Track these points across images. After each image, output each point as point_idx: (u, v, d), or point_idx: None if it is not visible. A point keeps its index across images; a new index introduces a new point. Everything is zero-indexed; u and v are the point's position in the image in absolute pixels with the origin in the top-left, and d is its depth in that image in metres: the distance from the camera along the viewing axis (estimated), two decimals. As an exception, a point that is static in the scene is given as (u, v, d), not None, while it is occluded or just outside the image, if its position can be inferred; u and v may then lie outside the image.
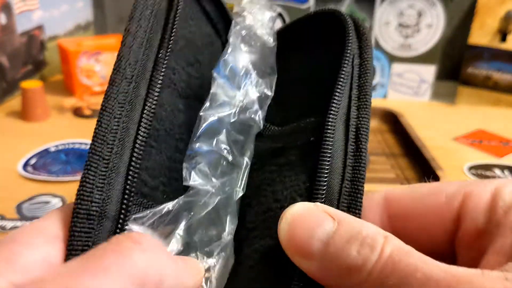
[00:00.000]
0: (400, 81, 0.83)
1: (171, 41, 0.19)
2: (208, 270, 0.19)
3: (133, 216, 0.17)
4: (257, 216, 0.20)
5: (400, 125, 0.63)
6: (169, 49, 0.19)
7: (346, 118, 0.19)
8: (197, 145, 0.20)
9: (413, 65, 0.82)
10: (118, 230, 0.16)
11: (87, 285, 0.13)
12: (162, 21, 0.19)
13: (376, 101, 0.83)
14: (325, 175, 0.18)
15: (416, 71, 0.82)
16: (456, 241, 0.17)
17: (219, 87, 0.22)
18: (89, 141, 0.17)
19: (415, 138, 0.58)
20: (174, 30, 0.19)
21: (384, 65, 0.82)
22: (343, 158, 0.18)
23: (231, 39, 0.23)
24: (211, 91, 0.21)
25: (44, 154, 0.58)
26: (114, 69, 0.17)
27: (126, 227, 0.17)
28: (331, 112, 0.19)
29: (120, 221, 0.16)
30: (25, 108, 0.67)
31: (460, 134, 0.69)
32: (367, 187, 0.18)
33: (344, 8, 0.79)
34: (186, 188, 0.20)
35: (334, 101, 0.19)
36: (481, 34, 0.79)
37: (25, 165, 0.54)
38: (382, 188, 0.48)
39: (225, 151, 0.21)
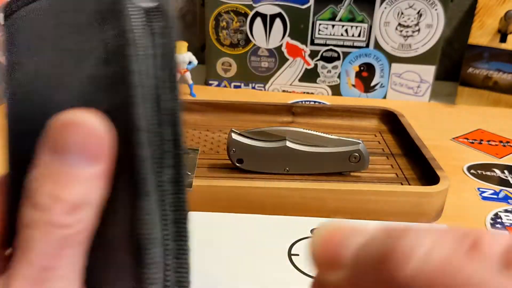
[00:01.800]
0: (400, 81, 0.83)
1: None
2: None
3: None
4: None
5: (400, 125, 0.63)
6: None
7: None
8: None
9: (413, 65, 0.82)
10: None
11: None
12: None
13: (376, 101, 0.83)
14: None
15: (416, 71, 0.82)
16: None
17: None
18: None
19: (415, 138, 0.58)
20: None
21: (384, 65, 0.82)
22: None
23: None
24: None
25: (44, 154, 0.58)
26: None
27: None
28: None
29: None
30: (25, 108, 0.67)
31: (460, 134, 0.69)
32: (367, 187, 0.18)
33: (344, 8, 0.79)
34: None
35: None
36: (481, 34, 0.79)
37: (25, 165, 0.54)
38: (382, 188, 0.48)
39: None
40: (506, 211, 0.49)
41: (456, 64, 0.92)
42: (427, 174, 0.51)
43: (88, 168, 0.15)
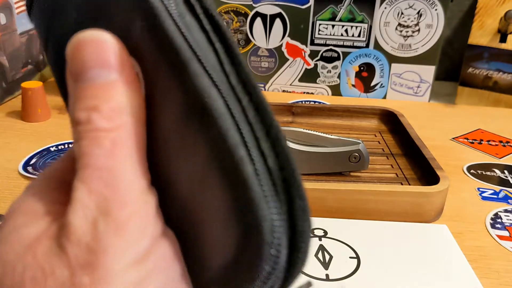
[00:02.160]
0: (400, 81, 0.83)
1: None
2: None
3: None
4: None
5: (400, 125, 0.63)
6: None
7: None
8: None
9: (413, 65, 0.82)
10: None
11: None
12: None
13: (376, 101, 0.83)
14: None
15: (416, 71, 0.82)
16: None
17: None
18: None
19: (415, 138, 0.58)
20: None
21: (384, 65, 0.82)
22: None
23: None
24: None
25: (44, 154, 0.58)
26: None
27: None
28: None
29: None
30: (25, 108, 0.67)
31: (460, 134, 0.69)
32: (367, 187, 0.18)
33: (344, 8, 0.79)
34: None
35: None
36: (481, 34, 0.79)
37: (26, 165, 0.54)
38: (382, 188, 0.48)
39: None
40: (506, 211, 0.49)
41: (456, 64, 0.92)
42: (427, 174, 0.51)
43: (108, 76, 0.16)
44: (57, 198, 0.17)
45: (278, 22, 0.81)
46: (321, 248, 0.41)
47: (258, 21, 0.82)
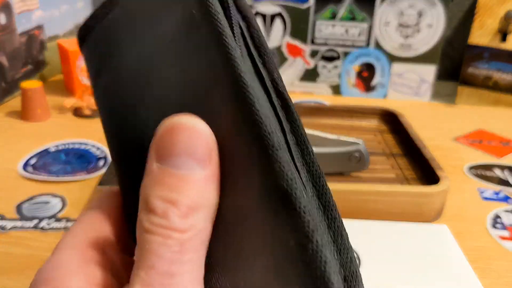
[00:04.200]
0: (400, 81, 0.83)
1: None
2: None
3: None
4: None
5: (400, 125, 0.63)
6: None
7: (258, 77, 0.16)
8: None
9: (413, 65, 0.82)
10: None
11: None
12: None
13: (376, 101, 0.83)
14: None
15: (416, 71, 0.82)
16: None
17: None
18: (89, 141, 0.17)
19: (415, 138, 0.58)
20: None
21: (384, 65, 0.82)
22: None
23: None
24: None
25: (44, 154, 0.58)
26: None
27: None
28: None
29: None
30: (25, 108, 0.67)
31: (460, 134, 0.69)
32: (367, 187, 0.18)
33: (344, 8, 0.79)
34: None
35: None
36: (481, 34, 0.79)
37: (25, 165, 0.54)
38: (382, 188, 0.48)
39: None
40: (506, 211, 0.49)
41: (456, 64, 0.92)
42: (427, 174, 0.51)
43: (198, 171, 0.15)
44: (96, 277, 0.17)
45: (278, 22, 0.81)
46: (321, 248, 0.41)
47: (258, 21, 0.82)
